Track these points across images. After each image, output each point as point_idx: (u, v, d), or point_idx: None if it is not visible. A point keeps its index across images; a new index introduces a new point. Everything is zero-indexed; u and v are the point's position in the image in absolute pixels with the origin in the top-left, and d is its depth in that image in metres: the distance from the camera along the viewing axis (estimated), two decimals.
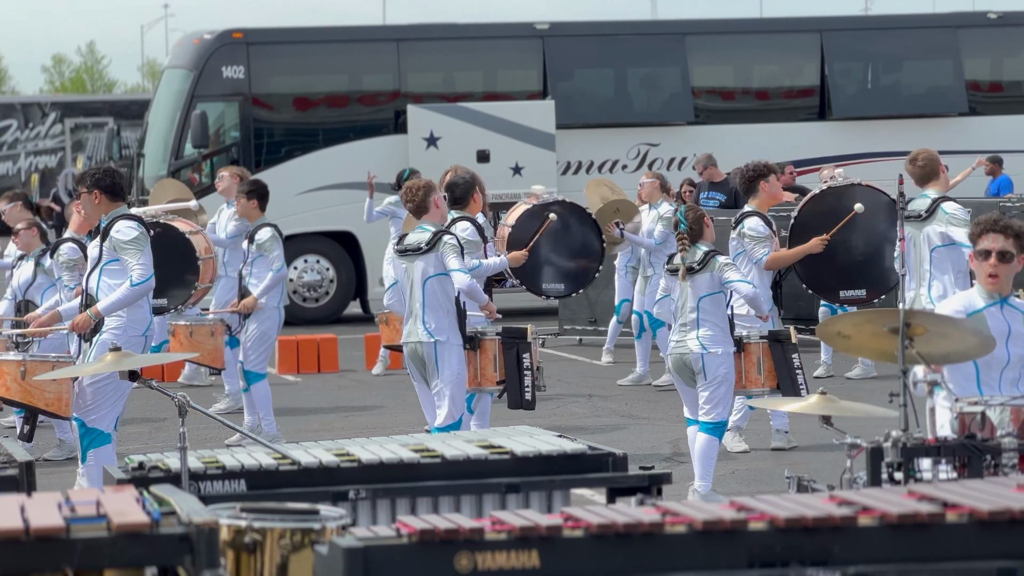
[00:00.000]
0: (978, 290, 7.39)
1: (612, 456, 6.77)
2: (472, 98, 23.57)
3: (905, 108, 24.35)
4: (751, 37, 25.08)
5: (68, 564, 4.65)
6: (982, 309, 7.31)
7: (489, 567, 4.70)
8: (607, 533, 4.78)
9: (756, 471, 11.62)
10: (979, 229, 7.37)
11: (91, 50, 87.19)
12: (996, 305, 7.32)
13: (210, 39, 23.16)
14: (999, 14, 24.96)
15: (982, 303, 7.35)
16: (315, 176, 22.72)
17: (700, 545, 4.82)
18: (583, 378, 16.78)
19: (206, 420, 12.37)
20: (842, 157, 23.72)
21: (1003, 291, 7.34)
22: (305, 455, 6.72)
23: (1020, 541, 4.92)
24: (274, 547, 4.97)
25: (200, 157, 23.08)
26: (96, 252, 9.94)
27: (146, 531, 4.72)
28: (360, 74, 24.07)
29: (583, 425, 13.67)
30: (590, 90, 24.37)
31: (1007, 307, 7.33)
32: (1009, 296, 7.35)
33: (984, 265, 7.31)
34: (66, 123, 36.13)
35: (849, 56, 24.68)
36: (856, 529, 4.89)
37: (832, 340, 7.12)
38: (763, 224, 12.03)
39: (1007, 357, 7.27)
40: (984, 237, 7.32)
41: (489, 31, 24.65)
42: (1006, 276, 7.32)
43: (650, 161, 23.51)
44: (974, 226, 7.41)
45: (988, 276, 7.30)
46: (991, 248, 7.29)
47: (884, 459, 6.22)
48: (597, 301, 19.58)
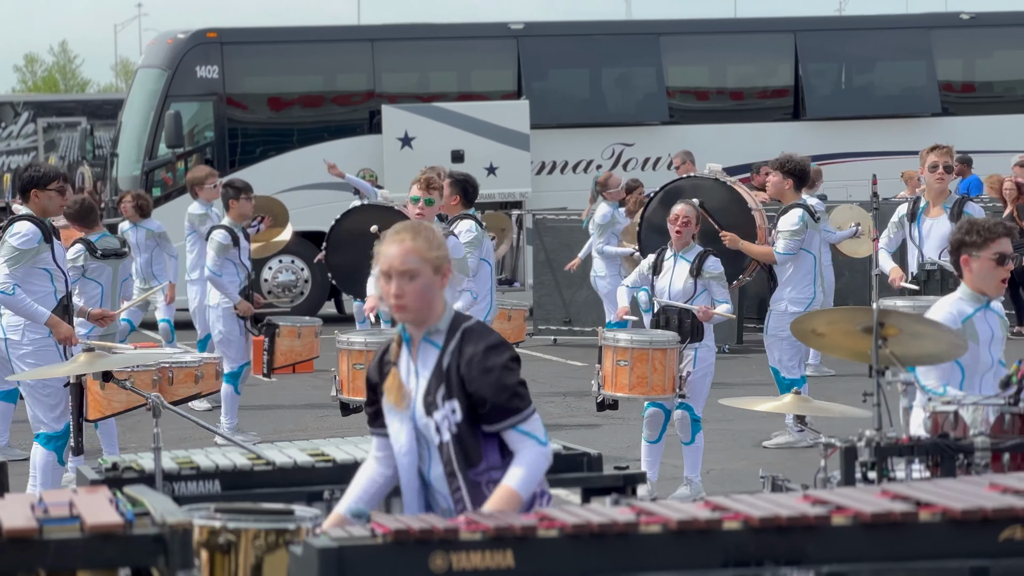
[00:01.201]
0: (967, 295, 7.34)
1: (587, 456, 6.78)
2: (447, 98, 23.58)
3: (879, 108, 24.42)
4: (725, 37, 25.13)
5: (41, 565, 4.64)
6: (972, 315, 7.30)
7: (464, 567, 4.70)
8: (582, 533, 4.78)
9: (731, 471, 11.65)
10: (989, 233, 7.25)
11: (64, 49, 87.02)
12: (982, 310, 7.32)
13: (184, 39, 23.11)
14: (972, 15, 25.05)
15: (970, 309, 7.32)
16: (289, 176, 22.70)
17: (675, 545, 4.82)
18: (557, 378, 16.79)
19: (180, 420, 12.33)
20: (816, 157, 23.75)
21: (998, 295, 7.34)
22: (280, 455, 6.71)
23: (993, 540, 4.94)
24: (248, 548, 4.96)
25: (174, 157, 23.04)
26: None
27: (119, 532, 4.71)
28: (335, 74, 24.06)
29: (557, 424, 13.68)
30: (565, 90, 24.39)
31: (989, 311, 7.33)
32: (991, 301, 7.34)
33: (1000, 270, 7.24)
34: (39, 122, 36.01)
35: (823, 56, 24.75)
36: (830, 528, 4.90)
37: (806, 338, 7.13)
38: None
39: (991, 361, 7.28)
40: (999, 242, 7.23)
41: (464, 31, 24.66)
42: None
43: (624, 161, 23.53)
44: (982, 231, 7.27)
45: (1001, 281, 7.28)
46: (1007, 252, 7.24)
47: (858, 458, 6.24)
48: (571, 301, 19.61)
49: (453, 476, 5.39)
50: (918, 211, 11.43)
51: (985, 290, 7.29)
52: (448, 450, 5.37)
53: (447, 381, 5.34)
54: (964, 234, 7.24)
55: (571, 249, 19.11)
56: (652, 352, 10.39)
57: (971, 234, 7.22)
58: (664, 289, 10.71)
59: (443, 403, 5.34)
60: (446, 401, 5.34)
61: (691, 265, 10.68)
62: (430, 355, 5.39)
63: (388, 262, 5.32)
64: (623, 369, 10.43)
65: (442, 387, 5.35)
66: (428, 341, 5.39)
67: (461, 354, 5.35)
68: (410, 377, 5.42)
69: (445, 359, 5.36)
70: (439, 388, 5.35)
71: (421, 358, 5.40)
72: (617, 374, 10.45)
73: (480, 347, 5.34)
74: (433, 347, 5.39)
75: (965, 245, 7.23)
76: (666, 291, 10.70)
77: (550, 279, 19.93)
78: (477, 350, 5.34)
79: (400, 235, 5.36)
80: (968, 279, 7.27)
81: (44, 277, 9.99)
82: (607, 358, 10.52)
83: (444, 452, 5.37)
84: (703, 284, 10.66)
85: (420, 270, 5.31)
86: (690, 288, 10.68)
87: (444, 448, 5.37)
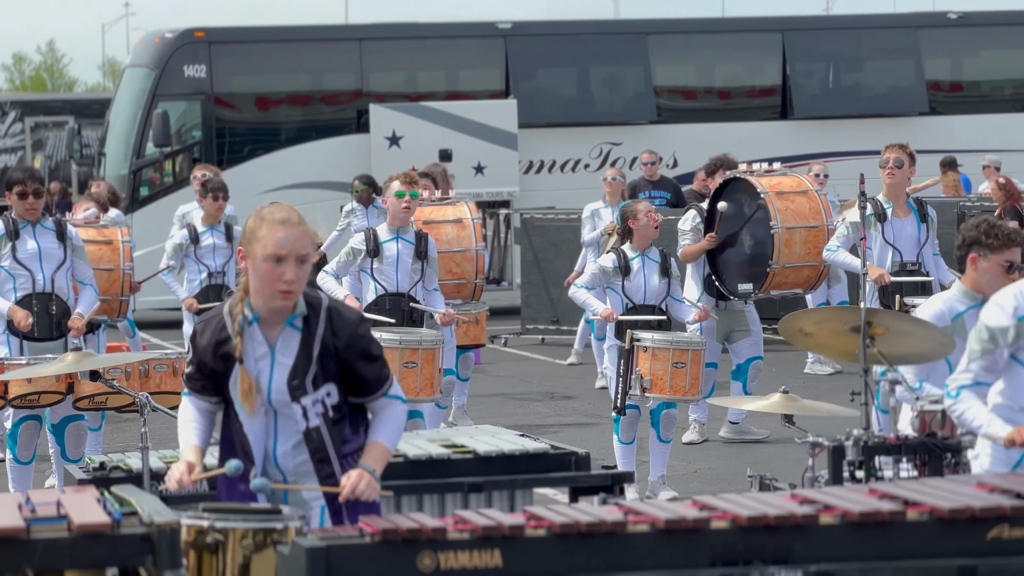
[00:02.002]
0: (963, 292, 7.33)
1: (575, 455, 6.78)
2: (434, 97, 23.57)
3: (866, 108, 24.44)
4: (713, 37, 25.14)
5: (29, 565, 4.63)
6: (963, 312, 7.29)
7: (452, 566, 4.70)
8: (570, 532, 4.78)
9: (718, 470, 11.65)
10: (1009, 241, 7.21)
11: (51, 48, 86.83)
12: (975, 308, 7.30)
13: (172, 38, 23.09)
14: (959, 14, 25.08)
15: (962, 307, 7.31)
16: (277, 175, 22.68)
17: (662, 544, 4.82)
18: (546, 377, 16.79)
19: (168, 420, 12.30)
20: (804, 156, 23.79)
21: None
22: None
23: (980, 539, 4.95)
24: (236, 547, 4.96)
25: (161, 156, 23.01)
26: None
27: (107, 532, 4.70)
28: (322, 73, 24.04)
29: (546, 424, 13.68)
30: (552, 89, 24.39)
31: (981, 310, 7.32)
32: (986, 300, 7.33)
33: (1006, 278, 7.19)
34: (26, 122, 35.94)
35: (811, 56, 24.77)
36: (818, 527, 4.91)
37: (794, 337, 7.13)
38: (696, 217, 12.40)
39: None
40: (1014, 250, 7.21)
41: (451, 31, 24.65)
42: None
43: (612, 160, 23.53)
44: (1002, 236, 7.17)
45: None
46: (1015, 262, 7.22)
47: (845, 458, 6.25)
48: (559, 300, 19.59)
49: (325, 462, 5.38)
50: (883, 212, 11.40)
51: (986, 292, 7.28)
52: (320, 435, 5.37)
53: (321, 365, 5.33)
54: (982, 233, 7.17)
55: (559, 248, 19.11)
56: (700, 352, 10.49)
57: (989, 236, 7.16)
58: (640, 289, 10.68)
59: (314, 388, 5.33)
60: (321, 386, 5.33)
61: (658, 265, 10.71)
62: (292, 340, 5.36)
63: (287, 247, 5.26)
64: (680, 372, 10.37)
65: (312, 371, 5.33)
66: (291, 326, 5.36)
67: (336, 335, 5.34)
68: (262, 365, 5.36)
69: (315, 343, 5.33)
70: (308, 373, 5.34)
71: (281, 344, 5.36)
72: (675, 376, 10.37)
73: (351, 326, 5.37)
74: (295, 331, 5.37)
75: (979, 244, 7.18)
76: (642, 291, 10.68)
77: (538, 278, 19.92)
78: (350, 329, 5.36)
79: (288, 218, 5.32)
80: (970, 276, 7.25)
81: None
82: (646, 360, 10.35)
83: (313, 438, 5.37)
84: (669, 283, 10.71)
85: (309, 255, 5.34)
86: (664, 287, 10.70)
87: (313, 434, 5.36)
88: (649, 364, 10.35)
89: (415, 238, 10.77)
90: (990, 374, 6.04)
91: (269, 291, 5.29)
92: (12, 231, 10.15)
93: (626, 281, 10.69)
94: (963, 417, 5.99)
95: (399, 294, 10.71)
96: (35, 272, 10.15)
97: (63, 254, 10.22)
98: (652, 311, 10.69)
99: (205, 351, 5.44)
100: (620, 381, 10.43)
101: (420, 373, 10.31)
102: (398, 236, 10.76)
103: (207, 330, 5.45)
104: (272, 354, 5.36)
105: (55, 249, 10.21)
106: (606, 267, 10.74)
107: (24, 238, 10.14)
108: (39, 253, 10.15)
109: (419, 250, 10.74)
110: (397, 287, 10.72)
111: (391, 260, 10.72)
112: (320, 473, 5.40)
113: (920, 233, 11.33)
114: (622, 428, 10.56)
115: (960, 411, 6.00)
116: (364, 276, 10.79)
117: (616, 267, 10.70)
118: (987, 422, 5.93)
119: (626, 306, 10.68)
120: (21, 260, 10.13)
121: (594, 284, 10.77)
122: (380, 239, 10.75)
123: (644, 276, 10.70)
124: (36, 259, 10.15)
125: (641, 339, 10.41)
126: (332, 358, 5.35)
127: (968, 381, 6.00)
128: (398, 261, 10.73)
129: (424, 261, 10.76)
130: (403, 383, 10.23)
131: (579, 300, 10.79)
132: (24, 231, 10.14)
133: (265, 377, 5.36)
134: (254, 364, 5.37)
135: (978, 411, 5.97)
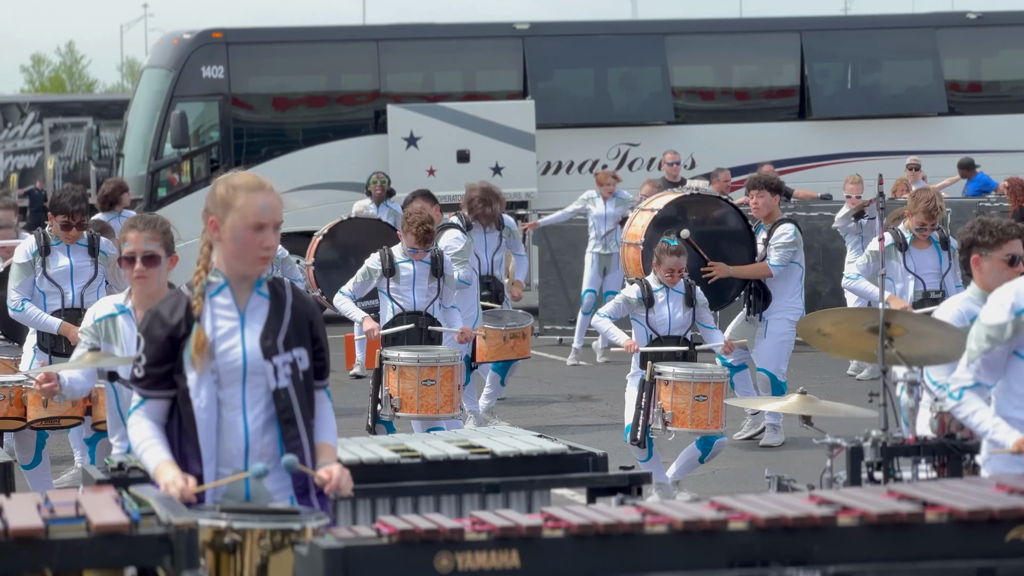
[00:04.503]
0: (976, 294, 7.32)
1: (592, 456, 6.77)
2: (452, 98, 23.57)
3: (884, 108, 24.39)
4: (731, 37, 25.11)
5: (47, 565, 4.64)
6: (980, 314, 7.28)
7: (469, 567, 4.70)
8: (587, 533, 4.78)
9: (736, 471, 11.64)
10: (1001, 234, 7.22)
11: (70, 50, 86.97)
12: None
13: (190, 39, 23.12)
14: (978, 14, 25.02)
15: (978, 308, 7.29)
16: (295, 176, 22.69)
17: (680, 545, 4.82)
18: (563, 378, 16.78)
19: None
20: (822, 157, 23.78)
21: None
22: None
23: (999, 540, 4.93)
24: (254, 548, 4.96)
25: (179, 157, 23.04)
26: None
27: (125, 532, 4.71)
28: (340, 74, 24.05)
29: (563, 424, 13.68)
30: (570, 90, 24.38)
31: None
32: None
33: (1010, 271, 7.20)
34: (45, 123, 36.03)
35: (829, 56, 24.73)
36: (836, 529, 4.90)
37: (812, 338, 7.12)
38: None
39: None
40: (1010, 244, 7.21)
41: (469, 31, 24.65)
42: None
43: (630, 161, 23.52)
44: (996, 231, 7.19)
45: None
46: (1018, 254, 7.22)
47: (864, 459, 6.23)
48: (577, 301, 19.58)
49: (291, 423, 5.42)
50: (904, 241, 11.43)
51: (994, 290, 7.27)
52: (288, 396, 5.42)
53: (295, 328, 5.44)
54: (976, 234, 7.19)
55: (576, 249, 19.11)
56: (723, 385, 10.41)
57: (983, 234, 7.18)
58: (664, 321, 10.61)
59: (286, 350, 5.42)
60: (292, 348, 5.42)
61: (683, 296, 10.66)
62: (262, 305, 5.46)
63: (269, 215, 5.42)
64: (702, 405, 10.28)
65: (284, 333, 5.43)
66: (259, 293, 5.47)
67: (305, 303, 5.52)
68: (232, 330, 5.40)
69: (286, 308, 5.46)
70: (279, 333, 5.43)
71: (251, 308, 5.45)
72: (697, 410, 10.26)
73: (313, 303, 5.56)
74: (263, 297, 5.48)
75: (977, 245, 7.19)
76: (666, 323, 10.61)
77: (555, 279, 19.93)
78: (312, 304, 5.55)
79: (262, 184, 5.49)
80: (977, 278, 7.24)
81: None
82: (667, 394, 10.26)
83: (282, 398, 5.41)
84: (695, 314, 10.65)
85: (282, 220, 5.51)
86: (688, 318, 10.63)
87: (282, 394, 5.41)
88: (671, 398, 10.27)
89: (430, 257, 10.83)
90: (991, 374, 6.03)
91: (251, 257, 5.41)
92: (43, 247, 10.32)
93: (650, 312, 10.59)
94: (969, 420, 5.98)
95: (416, 312, 10.78)
96: (65, 289, 10.29)
97: (94, 270, 10.36)
98: (677, 342, 10.62)
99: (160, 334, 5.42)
100: (642, 413, 10.38)
101: (439, 391, 10.34)
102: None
103: (162, 312, 5.45)
104: (243, 318, 5.44)
105: (86, 266, 10.37)
106: (630, 298, 10.63)
107: (56, 254, 10.35)
108: (70, 271, 10.32)
109: (435, 269, 10.80)
110: (414, 306, 10.80)
111: (407, 279, 10.80)
112: (286, 435, 5.43)
113: (942, 263, 11.39)
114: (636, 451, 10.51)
115: (965, 414, 5.99)
116: (381, 296, 10.85)
117: (640, 298, 10.58)
118: (993, 427, 5.93)
119: (650, 337, 10.57)
120: (51, 277, 10.31)
121: (617, 314, 10.69)
122: (395, 259, 10.80)
123: (668, 308, 10.61)
124: (67, 276, 10.32)
125: (662, 373, 10.31)
126: (304, 324, 5.48)
127: (970, 382, 6.00)
128: (414, 280, 10.80)
129: (440, 279, 10.82)
130: (422, 401, 10.29)
131: (602, 330, 10.72)
132: (56, 248, 10.39)
133: (237, 340, 5.42)
134: (214, 330, 5.41)
135: (984, 415, 5.97)
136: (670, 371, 10.28)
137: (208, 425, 5.38)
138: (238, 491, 5.42)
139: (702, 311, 10.72)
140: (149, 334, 5.44)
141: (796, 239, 12.34)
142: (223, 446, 5.40)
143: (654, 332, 10.56)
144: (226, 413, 5.40)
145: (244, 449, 5.40)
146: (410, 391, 10.35)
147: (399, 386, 10.38)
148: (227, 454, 5.40)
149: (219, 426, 5.39)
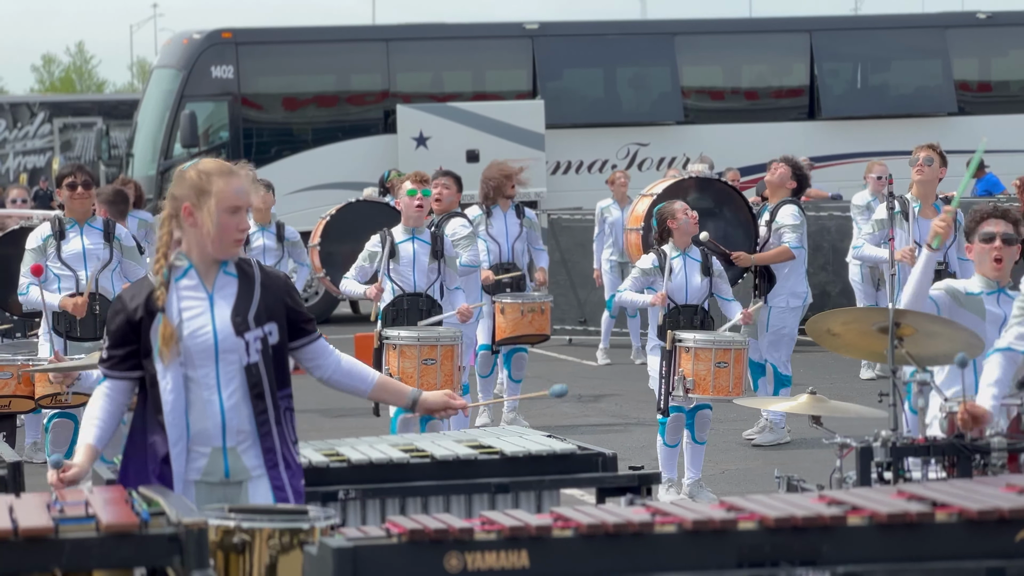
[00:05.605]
0: (981, 281, 7.35)
1: (602, 456, 6.77)
2: (461, 98, 23.58)
3: (894, 108, 24.39)
4: (740, 37, 25.10)
5: (57, 565, 4.64)
6: (978, 293, 7.31)
7: (479, 567, 4.70)
8: (597, 533, 4.78)
9: (746, 471, 11.64)
10: (978, 216, 7.34)
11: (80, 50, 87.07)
12: (995, 294, 7.31)
13: (199, 39, 23.15)
14: (988, 14, 25.00)
15: (977, 289, 7.34)
16: (304, 176, 22.72)
17: (690, 545, 4.81)
18: (573, 378, 16.78)
19: None
20: (831, 157, 23.77)
21: (1003, 280, 7.33)
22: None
23: (1009, 541, 4.93)
24: (263, 548, 4.96)
25: (189, 157, 23.05)
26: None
27: (135, 531, 4.71)
28: (349, 74, 24.07)
29: (572, 424, 13.68)
30: (579, 90, 24.38)
31: (1003, 296, 7.32)
32: (1006, 287, 7.33)
33: (990, 248, 7.27)
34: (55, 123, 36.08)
35: (838, 56, 24.72)
36: (845, 529, 4.89)
37: (822, 338, 7.11)
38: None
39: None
40: (985, 223, 7.30)
41: (478, 31, 24.67)
42: (1009, 261, 7.32)
43: (640, 161, 23.52)
44: (970, 216, 7.39)
45: (994, 260, 7.28)
46: (995, 231, 7.27)
47: (874, 459, 6.22)
48: (587, 301, 19.60)
49: (260, 398, 5.52)
50: (909, 211, 11.39)
51: (984, 273, 7.32)
52: (258, 371, 5.51)
53: (264, 303, 5.53)
54: (965, 223, 7.36)
55: (586, 249, 19.10)
56: (744, 352, 10.46)
57: (968, 222, 7.37)
58: (681, 288, 10.65)
59: (256, 325, 5.50)
60: (263, 324, 5.51)
61: (700, 264, 10.68)
62: (230, 284, 5.55)
63: (244, 198, 5.53)
64: (723, 371, 10.31)
65: (254, 309, 5.51)
66: (226, 272, 5.56)
67: (273, 278, 5.63)
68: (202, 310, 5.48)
69: (255, 285, 5.56)
70: (250, 309, 5.51)
71: (219, 288, 5.54)
72: (718, 376, 10.30)
73: (281, 275, 5.71)
74: (231, 277, 5.56)
75: (966, 233, 7.36)
76: (683, 291, 10.65)
77: (565, 279, 19.92)
78: (281, 276, 5.70)
79: (232, 168, 5.57)
80: (976, 266, 7.36)
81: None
82: (688, 361, 10.30)
83: (252, 373, 5.50)
84: (711, 284, 10.67)
85: (251, 202, 5.63)
86: (706, 286, 10.67)
87: (253, 369, 5.50)
88: (692, 365, 10.31)
89: (431, 238, 10.80)
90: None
91: (228, 240, 5.50)
92: (57, 231, 10.33)
93: (668, 281, 10.64)
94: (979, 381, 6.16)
95: (416, 294, 10.74)
96: (79, 272, 10.26)
97: (109, 254, 10.34)
98: (694, 311, 10.64)
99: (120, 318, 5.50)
100: (663, 383, 10.40)
101: (440, 370, 10.33)
102: (413, 236, 10.78)
103: (124, 296, 5.56)
104: (211, 298, 5.52)
105: (100, 249, 10.35)
106: (645, 268, 10.70)
107: (70, 238, 10.34)
108: (83, 253, 10.28)
109: (435, 250, 10.77)
110: (414, 287, 10.75)
111: (407, 260, 10.75)
112: (255, 409, 5.51)
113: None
114: (668, 430, 10.50)
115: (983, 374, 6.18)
116: (383, 278, 10.81)
117: (656, 266, 10.65)
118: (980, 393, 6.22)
119: (669, 307, 10.63)
120: (65, 260, 10.29)
121: (635, 288, 10.74)
122: (395, 240, 10.78)
123: (686, 275, 10.66)
124: (80, 259, 10.29)
125: (683, 339, 10.36)
126: (274, 298, 5.57)
127: (1003, 344, 6.10)
128: (414, 261, 10.75)
129: (441, 260, 10.79)
130: (422, 380, 10.27)
131: (627, 302, 10.79)
132: (71, 231, 10.35)
133: (208, 320, 5.48)
134: (179, 314, 5.47)
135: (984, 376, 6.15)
136: (691, 338, 10.34)
137: (175, 407, 5.46)
138: (217, 467, 5.50)
139: (719, 282, 10.71)
140: (112, 317, 5.57)
141: (803, 218, 12.38)
142: (199, 425, 5.48)
143: (672, 301, 10.60)
144: (201, 392, 5.47)
145: (221, 426, 5.49)
146: (410, 370, 10.35)
147: (399, 365, 10.39)
148: (203, 433, 5.49)
149: (193, 406, 5.47)
